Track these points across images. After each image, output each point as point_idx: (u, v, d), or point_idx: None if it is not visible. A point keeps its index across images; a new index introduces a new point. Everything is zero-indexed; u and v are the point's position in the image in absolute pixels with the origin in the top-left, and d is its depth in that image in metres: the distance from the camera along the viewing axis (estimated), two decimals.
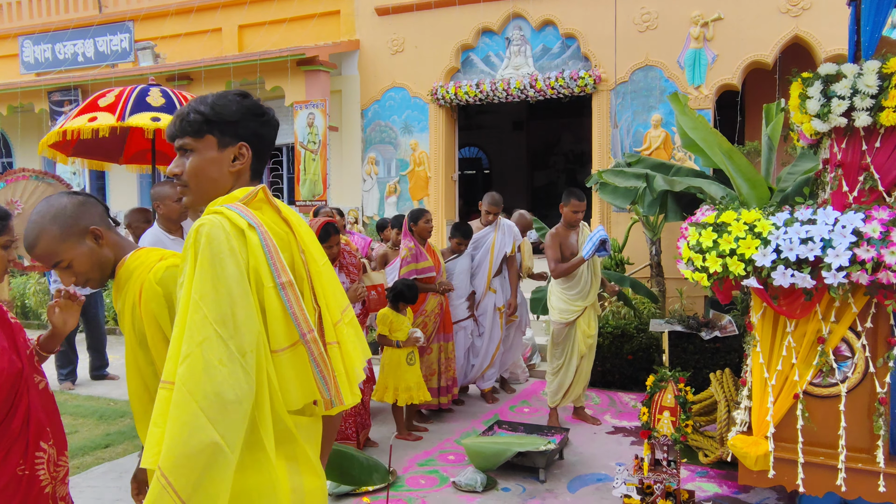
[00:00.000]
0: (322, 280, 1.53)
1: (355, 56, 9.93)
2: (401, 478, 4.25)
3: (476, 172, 17.31)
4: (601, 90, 8.43)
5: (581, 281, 5.02)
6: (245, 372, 1.33)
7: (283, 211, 1.54)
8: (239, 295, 1.36)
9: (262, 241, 1.41)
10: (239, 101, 1.58)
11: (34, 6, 12.92)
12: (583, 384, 5.12)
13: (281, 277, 1.41)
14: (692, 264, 3.09)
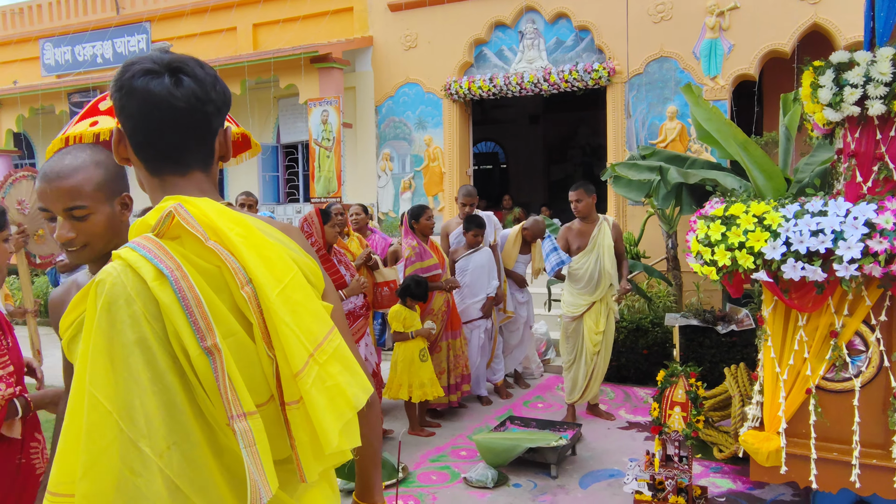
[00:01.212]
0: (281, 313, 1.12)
1: (369, 52, 9.94)
2: (412, 474, 4.25)
3: (493, 167, 17.27)
4: (615, 82, 8.35)
5: (586, 276, 4.98)
6: (164, 476, 1.02)
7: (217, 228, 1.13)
8: (147, 379, 1.04)
9: (177, 295, 1.06)
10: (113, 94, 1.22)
11: (54, 9, 13.10)
12: (598, 382, 5.07)
13: (206, 341, 1.06)
14: (701, 258, 3.04)
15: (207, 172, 1.27)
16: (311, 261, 1.27)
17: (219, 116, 1.25)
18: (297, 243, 1.27)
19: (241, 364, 1.10)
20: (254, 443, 1.06)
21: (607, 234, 5.03)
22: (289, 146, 11.25)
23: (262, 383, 1.13)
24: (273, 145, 11.28)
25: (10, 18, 13.70)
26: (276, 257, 1.16)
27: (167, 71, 1.18)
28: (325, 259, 4.57)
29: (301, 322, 1.14)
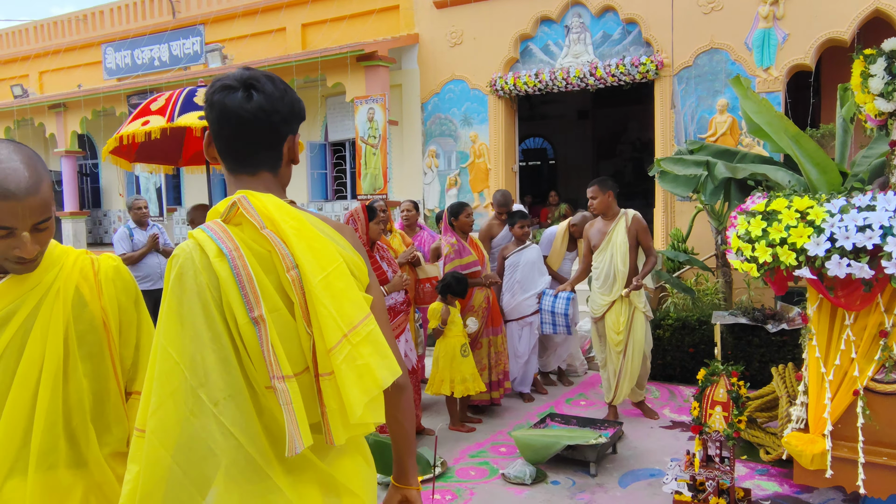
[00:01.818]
0: (322, 297, 1.29)
1: (415, 50, 10.00)
2: (451, 468, 4.28)
3: (541, 163, 17.14)
4: (663, 76, 8.18)
5: (602, 274, 4.91)
6: (218, 422, 1.23)
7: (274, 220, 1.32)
8: (209, 338, 1.25)
9: (233, 270, 1.26)
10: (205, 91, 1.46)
11: (115, 15, 13.63)
12: (628, 384, 4.93)
13: (254, 311, 1.25)
14: (742, 254, 2.97)
15: (275, 173, 1.45)
16: (357, 257, 1.44)
17: (286, 125, 1.43)
18: (347, 241, 1.43)
19: (282, 336, 1.28)
20: (290, 402, 1.24)
21: (621, 231, 4.89)
22: (336, 144, 11.42)
23: (299, 355, 1.30)
24: (321, 143, 11.47)
25: (75, 25, 14.31)
26: (323, 249, 1.33)
27: (242, 87, 1.37)
28: (367, 255, 4.63)
29: (339, 306, 1.30)
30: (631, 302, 4.90)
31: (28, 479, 1.49)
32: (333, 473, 1.37)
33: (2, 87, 15.15)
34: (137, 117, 3.94)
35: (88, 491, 1.57)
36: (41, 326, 1.50)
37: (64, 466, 1.54)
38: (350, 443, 1.40)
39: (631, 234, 4.92)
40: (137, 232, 6.49)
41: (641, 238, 4.98)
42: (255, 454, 1.27)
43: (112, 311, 1.62)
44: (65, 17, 14.48)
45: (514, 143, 9.80)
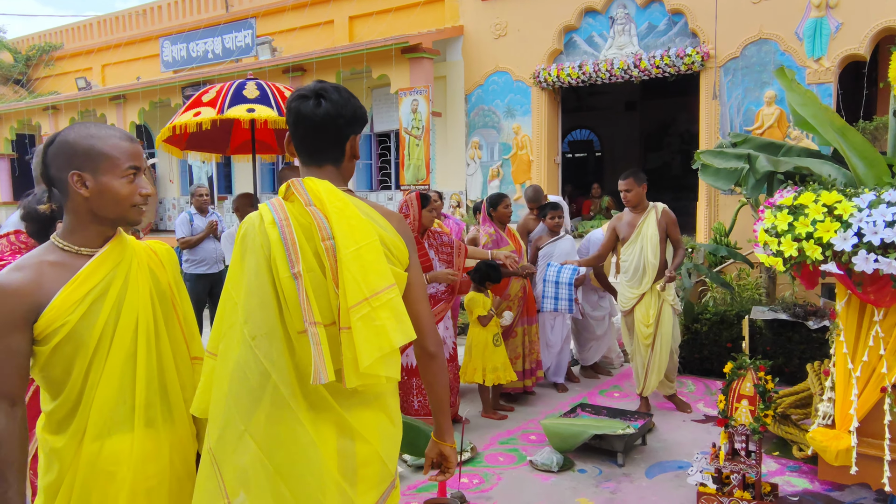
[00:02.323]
0: (350, 264, 1.55)
1: (459, 42, 10.07)
2: (481, 454, 4.38)
3: (587, 155, 17.01)
4: (709, 67, 8.05)
5: (632, 268, 4.89)
6: (254, 354, 1.55)
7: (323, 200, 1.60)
8: (255, 286, 1.57)
9: (281, 235, 1.57)
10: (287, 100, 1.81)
11: (172, 9, 14.09)
12: (656, 376, 4.92)
13: (294, 268, 1.55)
14: (768, 248, 2.97)
15: (338, 167, 1.76)
16: (399, 240, 1.71)
17: (349, 127, 1.74)
18: (392, 226, 1.71)
19: (316, 293, 1.58)
20: (319, 342, 1.54)
21: (652, 224, 4.88)
22: (381, 135, 11.60)
23: (328, 310, 1.59)
24: (367, 134, 11.66)
25: (135, 20, 14.86)
26: (361, 227, 1.61)
27: (314, 96, 1.70)
28: (418, 241, 4.79)
29: (365, 274, 1.57)
30: (660, 295, 4.89)
31: (134, 434, 1.66)
32: (350, 420, 1.61)
33: (68, 80, 15.87)
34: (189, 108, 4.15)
35: (173, 448, 1.74)
36: (133, 292, 1.68)
37: (161, 422, 1.72)
38: (374, 400, 1.67)
39: (661, 227, 4.91)
40: (197, 218, 6.80)
41: (671, 231, 4.98)
42: (282, 385, 1.56)
43: (173, 284, 1.82)
44: (125, 12, 15.04)
45: (556, 135, 9.78)
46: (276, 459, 1.55)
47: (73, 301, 1.56)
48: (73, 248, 1.64)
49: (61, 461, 1.62)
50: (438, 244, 4.95)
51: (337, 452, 1.59)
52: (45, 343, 1.57)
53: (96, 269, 1.62)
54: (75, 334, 1.58)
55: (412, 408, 4.82)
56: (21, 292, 1.55)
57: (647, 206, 4.99)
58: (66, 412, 1.62)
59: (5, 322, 1.53)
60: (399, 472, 3.93)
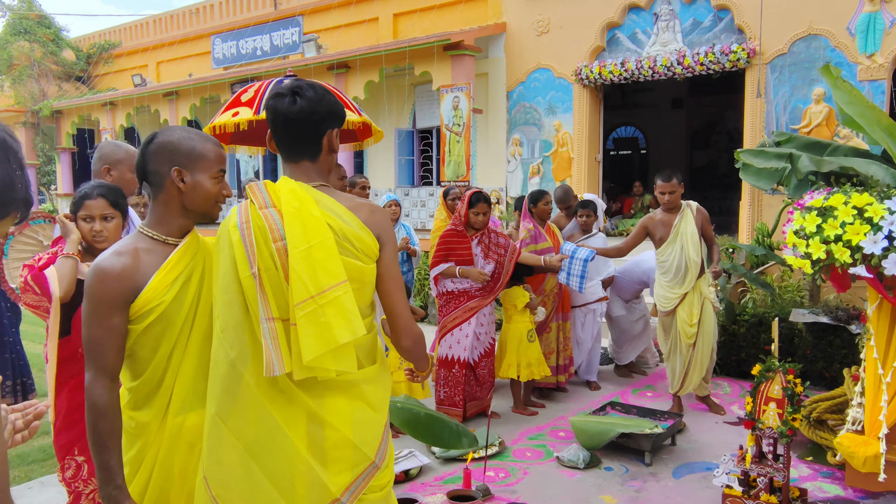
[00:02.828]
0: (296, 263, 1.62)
1: (502, 39, 10.08)
2: (508, 449, 4.43)
3: (632, 152, 16.80)
4: (755, 64, 7.88)
5: (673, 267, 4.84)
6: (223, 346, 1.68)
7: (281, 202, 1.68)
8: (223, 284, 1.70)
9: (241, 237, 1.67)
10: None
11: (223, 7, 14.47)
12: (698, 374, 4.89)
13: (252, 268, 1.65)
14: (797, 250, 2.94)
15: (314, 161, 1.81)
16: (364, 232, 1.73)
17: (325, 122, 1.79)
18: (357, 218, 1.74)
19: (274, 290, 1.66)
20: (276, 337, 1.63)
21: (690, 222, 4.83)
22: (424, 131, 11.70)
23: (284, 306, 1.66)
24: (409, 130, 11.78)
25: (188, 18, 15.31)
26: (313, 225, 1.66)
27: (290, 94, 1.75)
28: (462, 235, 4.87)
29: (313, 272, 1.62)
30: (703, 293, 4.85)
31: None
32: (314, 407, 1.67)
33: (125, 77, 16.46)
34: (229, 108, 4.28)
35: None
36: (208, 278, 1.83)
37: None
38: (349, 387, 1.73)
39: (697, 225, 4.88)
40: None
41: (705, 228, 4.97)
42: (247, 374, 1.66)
43: None
44: (179, 10, 15.51)
45: (598, 133, 9.72)
46: (245, 440, 1.65)
47: (166, 284, 1.74)
48: (161, 237, 1.80)
49: (146, 435, 1.77)
50: (491, 243, 4.98)
51: (307, 435, 1.67)
52: (139, 322, 1.73)
53: (182, 255, 1.80)
54: (166, 315, 1.74)
55: (439, 398, 4.90)
56: (123, 275, 1.71)
57: (682, 206, 4.95)
58: (150, 389, 1.77)
59: (110, 302, 1.69)
60: (427, 464, 4.05)
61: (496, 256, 4.93)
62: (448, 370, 4.87)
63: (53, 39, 17.79)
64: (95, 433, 1.66)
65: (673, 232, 4.89)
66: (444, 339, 4.90)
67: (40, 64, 17.35)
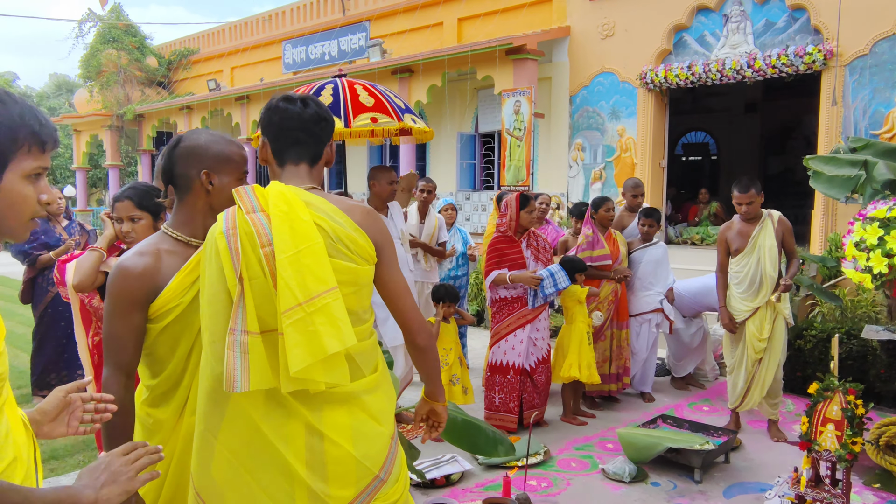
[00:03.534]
0: (284, 269, 1.55)
1: (565, 42, 9.97)
2: (553, 458, 4.36)
3: (702, 158, 16.28)
4: (831, 66, 7.49)
5: (747, 280, 4.61)
6: (208, 360, 1.64)
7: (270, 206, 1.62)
8: (211, 294, 1.64)
9: (227, 244, 1.60)
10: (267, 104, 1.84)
11: (294, 14, 14.89)
12: (760, 392, 4.65)
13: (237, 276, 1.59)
14: (857, 263, 2.77)
15: (313, 167, 1.81)
16: (358, 234, 1.69)
17: (329, 132, 1.83)
18: (351, 219, 1.69)
19: (260, 299, 1.59)
20: (247, 350, 1.55)
21: (770, 234, 4.57)
22: (486, 135, 11.69)
23: (273, 315, 1.58)
24: (471, 134, 11.79)
25: (261, 24, 15.83)
26: (302, 229, 1.60)
27: (299, 100, 1.78)
28: (511, 240, 4.85)
29: (301, 278, 1.56)
30: (776, 308, 4.61)
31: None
32: (313, 421, 1.61)
33: (201, 82, 17.15)
34: None
35: None
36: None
37: None
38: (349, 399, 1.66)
39: (778, 236, 4.61)
40: None
41: (786, 240, 4.68)
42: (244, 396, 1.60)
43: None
44: (253, 18, 16.05)
45: (662, 138, 9.46)
46: (239, 456, 1.61)
47: (185, 285, 1.75)
48: (185, 238, 1.83)
49: (163, 432, 1.80)
50: (539, 246, 4.96)
51: (306, 449, 1.61)
52: (158, 322, 1.76)
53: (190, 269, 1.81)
54: (185, 315, 1.76)
55: (493, 403, 4.86)
56: (144, 275, 1.74)
57: (762, 216, 4.67)
58: (168, 388, 1.80)
59: (130, 301, 1.73)
60: (469, 469, 4.03)
61: (545, 258, 4.88)
62: (503, 376, 4.83)
63: (138, 47, 18.72)
64: (109, 427, 1.69)
65: (750, 243, 4.64)
66: (497, 344, 4.87)
67: (126, 70, 18.28)
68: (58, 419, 1.44)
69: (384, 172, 4.85)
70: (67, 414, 1.45)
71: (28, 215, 1.24)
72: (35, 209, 1.24)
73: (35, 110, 1.23)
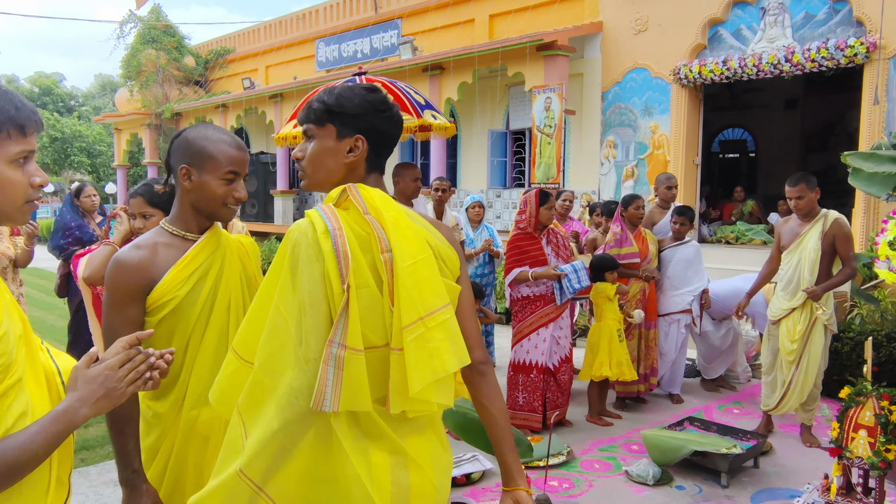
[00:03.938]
0: (406, 280, 1.43)
1: (598, 38, 9.83)
2: (576, 459, 4.30)
3: (740, 156, 15.92)
4: (874, 59, 7.23)
5: (787, 277, 4.46)
6: (307, 378, 1.39)
7: (378, 209, 1.49)
8: (309, 304, 1.41)
9: (334, 247, 1.42)
10: (363, 96, 1.58)
11: (327, 13, 14.99)
12: (798, 397, 4.48)
13: (343, 283, 1.41)
14: (890, 263, 2.66)
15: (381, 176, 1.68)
16: (451, 250, 1.61)
17: None
18: (442, 234, 1.62)
19: (368, 311, 1.43)
20: (342, 367, 1.39)
21: (814, 236, 4.36)
22: (517, 132, 11.61)
23: (381, 329, 1.45)
24: (503, 132, 11.72)
25: (294, 23, 15.98)
26: (416, 239, 1.49)
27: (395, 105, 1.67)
28: (531, 237, 4.80)
29: (420, 291, 1.45)
30: (812, 311, 4.41)
31: None
32: (405, 446, 1.48)
33: (237, 80, 17.41)
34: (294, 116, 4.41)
35: None
36: (227, 276, 1.84)
37: None
38: (428, 425, 1.55)
39: (826, 240, 4.33)
40: None
41: (839, 245, 4.31)
42: (331, 416, 1.42)
43: (258, 273, 1.97)
44: (287, 17, 16.21)
45: (696, 135, 9.26)
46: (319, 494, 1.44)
47: (181, 279, 1.76)
48: (180, 232, 1.84)
49: (163, 425, 1.81)
50: (559, 242, 4.92)
51: (391, 484, 1.46)
52: (154, 315, 1.76)
53: (200, 251, 1.82)
54: (180, 309, 1.76)
55: (517, 403, 4.81)
56: (140, 268, 1.75)
57: (817, 215, 4.45)
58: (167, 381, 1.80)
59: (126, 293, 1.74)
60: (490, 468, 4.00)
61: (566, 255, 4.82)
62: (526, 375, 4.78)
63: (177, 47, 19.07)
64: (113, 418, 1.71)
65: (795, 242, 4.48)
66: (520, 343, 4.82)
67: (164, 70, 18.65)
68: None
69: (408, 169, 4.84)
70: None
71: (21, 199, 1.25)
72: (28, 192, 1.25)
73: (10, 93, 1.23)
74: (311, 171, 1.61)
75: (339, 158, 1.58)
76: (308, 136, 1.61)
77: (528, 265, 4.74)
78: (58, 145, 30.31)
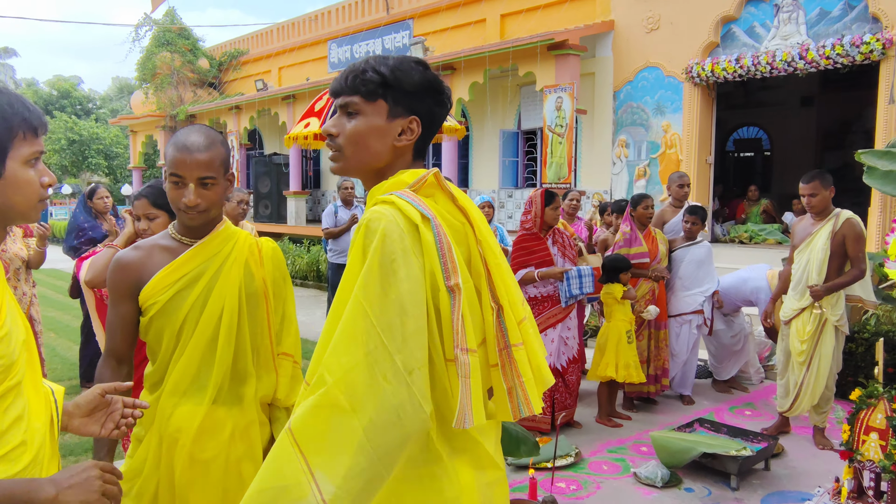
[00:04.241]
0: (502, 274, 1.32)
1: (609, 37, 9.78)
2: (585, 460, 4.27)
3: (754, 154, 15.77)
4: (890, 56, 7.12)
5: (796, 277, 4.40)
6: (410, 392, 1.17)
7: (459, 198, 1.34)
8: (410, 304, 1.20)
9: (436, 237, 1.23)
10: (421, 72, 1.37)
11: (339, 14, 15.04)
12: (810, 399, 4.42)
13: (450, 280, 1.23)
14: None
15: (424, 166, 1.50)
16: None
17: None
18: None
19: (469, 309, 1.27)
20: (469, 375, 1.22)
21: (823, 236, 4.30)
22: (528, 132, 11.57)
23: (478, 328, 1.31)
24: (514, 131, 11.69)
25: (307, 25, 16.05)
26: (490, 233, 1.37)
27: None
28: (536, 237, 4.79)
29: (514, 285, 1.37)
30: (822, 313, 4.35)
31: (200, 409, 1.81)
32: (488, 449, 1.35)
33: (250, 82, 17.51)
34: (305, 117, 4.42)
35: (235, 429, 1.87)
36: (221, 286, 1.82)
37: (228, 405, 1.85)
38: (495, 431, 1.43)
39: (836, 240, 4.26)
40: (342, 210, 7.24)
41: (849, 246, 4.24)
42: (432, 431, 1.25)
43: (270, 283, 1.93)
44: (299, 18, 16.28)
45: (709, 134, 9.18)
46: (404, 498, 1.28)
47: (164, 284, 1.77)
48: (178, 236, 1.85)
49: (148, 417, 1.83)
50: (565, 242, 4.91)
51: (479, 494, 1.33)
52: (145, 315, 1.81)
53: (190, 259, 1.81)
54: (164, 313, 1.78)
55: None
56: (131, 268, 1.79)
57: (830, 214, 4.38)
58: (158, 377, 1.85)
59: (119, 291, 1.80)
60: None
61: (572, 256, 4.80)
62: None
63: (191, 49, 19.22)
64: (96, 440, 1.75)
65: (806, 241, 4.43)
66: None
67: (179, 72, 18.79)
68: (92, 417, 1.45)
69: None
70: (105, 415, 1.46)
71: (35, 198, 1.29)
72: (40, 192, 1.29)
73: (22, 98, 1.27)
74: (351, 153, 1.37)
75: (387, 140, 1.35)
76: (348, 111, 1.37)
77: (535, 265, 4.72)
78: (76, 148, 30.65)
